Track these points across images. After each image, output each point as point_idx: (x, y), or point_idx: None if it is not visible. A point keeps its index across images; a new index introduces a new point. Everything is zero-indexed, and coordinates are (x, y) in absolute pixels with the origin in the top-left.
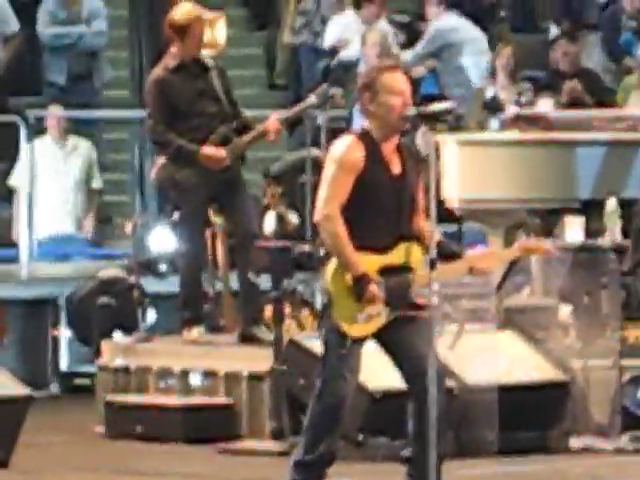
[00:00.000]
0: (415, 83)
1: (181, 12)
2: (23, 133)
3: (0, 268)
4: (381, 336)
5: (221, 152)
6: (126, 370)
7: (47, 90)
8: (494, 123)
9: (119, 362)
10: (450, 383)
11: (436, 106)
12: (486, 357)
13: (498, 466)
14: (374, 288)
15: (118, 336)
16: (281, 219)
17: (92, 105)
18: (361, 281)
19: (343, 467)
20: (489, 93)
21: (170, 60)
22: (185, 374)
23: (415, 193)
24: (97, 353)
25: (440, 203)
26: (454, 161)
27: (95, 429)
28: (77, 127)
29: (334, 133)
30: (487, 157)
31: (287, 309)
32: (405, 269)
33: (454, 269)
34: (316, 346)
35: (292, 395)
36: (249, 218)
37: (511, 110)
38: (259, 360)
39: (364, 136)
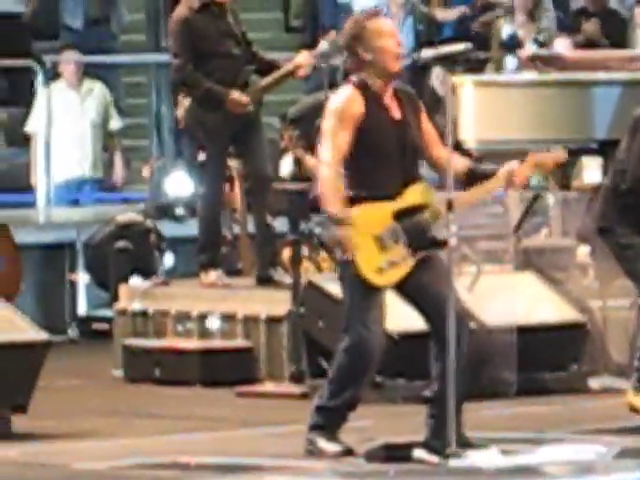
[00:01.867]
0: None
1: None
2: (40, 78)
3: (18, 213)
4: (402, 282)
5: (245, 97)
6: (144, 314)
7: (64, 34)
8: (512, 62)
9: (137, 306)
10: (470, 324)
11: (453, 47)
12: (504, 298)
13: (517, 407)
14: (346, 231)
15: (136, 280)
16: (298, 162)
17: (109, 49)
18: (340, 223)
19: (362, 409)
20: (507, 31)
21: (193, 0)
22: (203, 318)
23: (417, 135)
24: (115, 297)
25: (457, 144)
26: (471, 102)
27: (113, 373)
28: (94, 72)
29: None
30: (504, 98)
31: (305, 251)
32: (420, 209)
33: (485, 189)
34: (334, 288)
35: (310, 337)
36: (265, 161)
37: (527, 50)
38: (277, 303)
39: (362, 85)
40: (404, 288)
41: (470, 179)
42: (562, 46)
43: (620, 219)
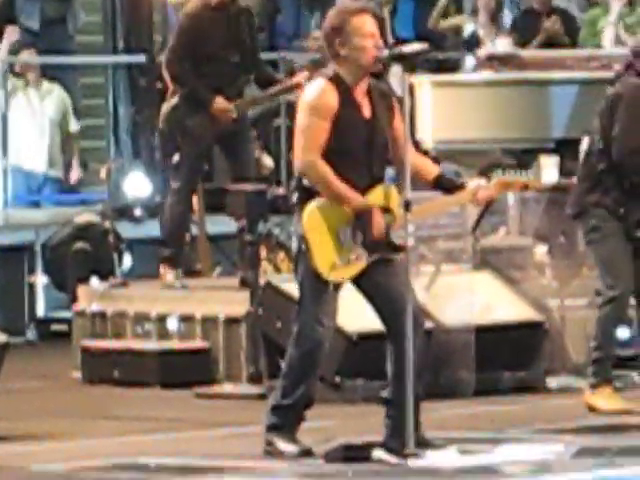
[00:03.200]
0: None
1: None
2: None
3: None
4: (359, 279)
5: (230, 107)
6: (102, 315)
7: (20, 35)
8: (469, 62)
9: (95, 307)
10: (427, 324)
11: (410, 47)
12: (462, 298)
13: (475, 406)
14: (379, 217)
15: (94, 281)
16: (256, 162)
17: (66, 50)
18: (366, 212)
19: (321, 409)
20: (469, 29)
21: None
22: (162, 319)
23: (388, 135)
24: (73, 299)
25: (415, 144)
26: (428, 102)
27: (72, 375)
28: (51, 72)
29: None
30: (461, 98)
31: (263, 252)
32: (382, 211)
33: (447, 202)
34: (292, 289)
35: (269, 338)
36: (248, 168)
37: (484, 50)
38: (235, 304)
39: (336, 79)
40: (362, 286)
41: (436, 187)
42: (503, 45)
43: (597, 201)
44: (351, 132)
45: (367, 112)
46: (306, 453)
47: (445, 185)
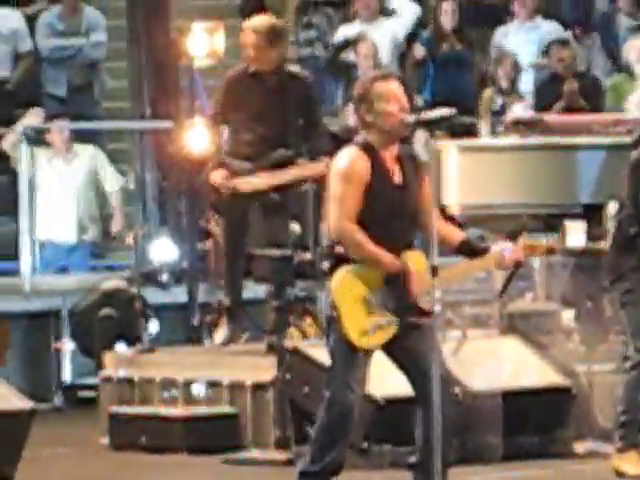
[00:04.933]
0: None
1: (272, 20)
2: (24, 147)
3: (2, 281)
4: (388, 345)
5: (230, 183)
6: (129, 381)
7: (47, 102)
8: (484, 128)
9: (122, 373)
10: (454, 390)
11: (436, 113)
12: (489, 363)
13: (503, 471)
14: (417, 277)
15: (121, 347)
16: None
17: (92, 116)
18: (403, 274)
19: (348, 475)
20: (498, 100)
21: (250, 63)
22: (188, 384)
23: (417, 202)
24: (100, 365)
25: (441, 210)
26: (454, 167)
27: (99, 441)
28: (78, 139)
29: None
30: (487, 163)
31: (290, 317)
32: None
33: (473, 267)
34: (320, 354)
35: (296, 404)
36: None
37: (510, 115)
38: (263, 369)
39: (366, 146)
40: (392, 352)
41: (461, 252)
42: (519, 110)
43: (634, 266)
44: (383, 198)
45: (397, 178)
46: None
47: (470, 250)
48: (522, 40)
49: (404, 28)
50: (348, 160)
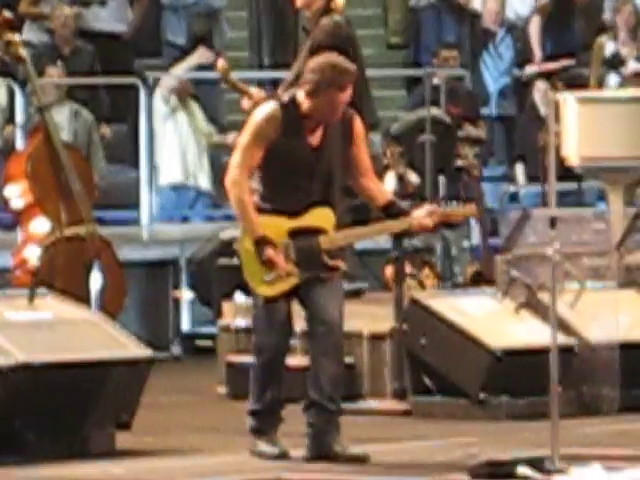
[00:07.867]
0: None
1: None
2: (142, 95)
3: (122, 230)
4: (298, 294)
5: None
6: (247, 331)
7: (167, 51)
8: (614, 79)
9: (240, 323)
10: (571, 341)
11: (556, 64)
12: (607, 315)
13: (619, 424)
14: (270, 252)
15: (239, 297)
16: (401, 179)
17: (210, 67)
18: (259, 244)
19: (466, 426)
20: (609, 49)
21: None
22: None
23: (335, 163)
24: (218, 314)
25: (560, 161)
26: (574, 119)
27: (217, 390)
28: (197, 89)
29: (452, 92)
30: (607, 114)
31: (408, 268)
32: (317, 232)
33: (385, 227)
34: (437, 305)
35: (413, 355)
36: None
37: (631, 67)
38: (380, 320)
39: (288, 105)
40: (300, 299)
41: (385, 213)
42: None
43: None
44: (291, 157)
45: (315, 140)
46: (283, 455)
47: (394, 211)
48: None
49: None
50: (262, 116)
